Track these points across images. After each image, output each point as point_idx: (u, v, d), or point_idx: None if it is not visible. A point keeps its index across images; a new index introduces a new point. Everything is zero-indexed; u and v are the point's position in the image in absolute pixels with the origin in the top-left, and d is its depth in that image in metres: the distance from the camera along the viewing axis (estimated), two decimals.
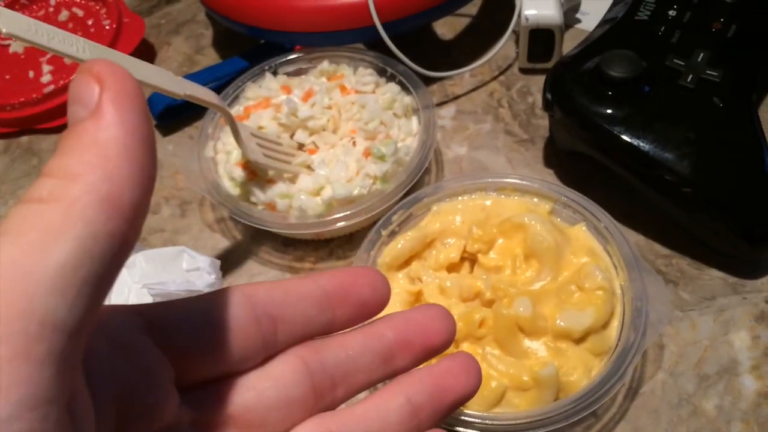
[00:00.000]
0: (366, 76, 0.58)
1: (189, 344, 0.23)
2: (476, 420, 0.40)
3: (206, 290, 0.43)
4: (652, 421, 0.44)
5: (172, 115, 0.65)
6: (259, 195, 0.52)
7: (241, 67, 0.65)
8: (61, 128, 0.66)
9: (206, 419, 0.23)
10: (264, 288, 0.24)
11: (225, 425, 0.23)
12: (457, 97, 0.64)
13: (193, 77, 0.66)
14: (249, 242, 0.56)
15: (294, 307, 0.25)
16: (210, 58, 0.71)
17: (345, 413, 0.25)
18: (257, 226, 0.52)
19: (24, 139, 0.66)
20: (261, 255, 0.55)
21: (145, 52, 0.72)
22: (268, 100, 0.57)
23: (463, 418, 0.40)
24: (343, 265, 0.54)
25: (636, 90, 0.50)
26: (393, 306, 0.47)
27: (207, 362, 0.23)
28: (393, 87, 0.57)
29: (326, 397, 0.25)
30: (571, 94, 0.51)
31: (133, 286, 0.45)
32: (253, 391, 0.24)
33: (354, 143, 0.54)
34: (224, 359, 0.23)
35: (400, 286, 0.48)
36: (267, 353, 0.24)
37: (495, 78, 0.65)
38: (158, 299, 0.41)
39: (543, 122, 0.60)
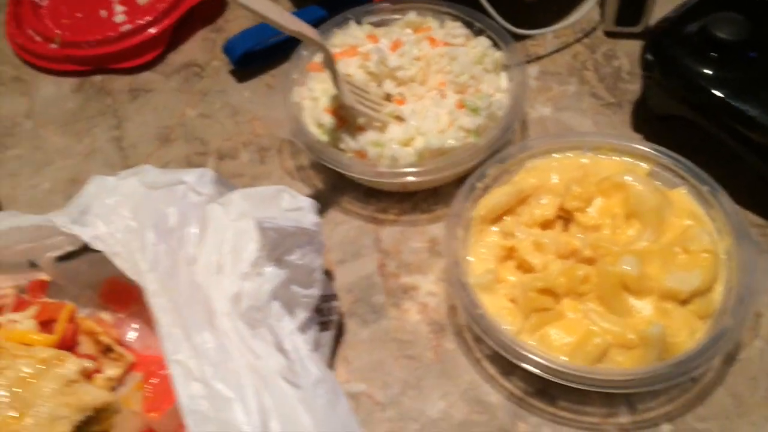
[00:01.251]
0: (456, 29, 0.57)
1: None
2: (580, 373, 0.40)
3: (313, 229, 0.42)
4: (750, 388, 0.43)
5: (249, 62, 0.64)
6: (349, 142, 0.51)
7: (319, 16, 0.64)
8: (134, 69, 0.66)
9: None
10: None
11: None
12: (539, 58, 0.63)
13: (265, 26, 0.65)
14: (330, 191, 0.55)
15: None
16: (284, 6, 0.70)
17: None
18: (347, 174, 0.51)
19: (97, 78, 0.66)
20: (343, 204, 0.55)
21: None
22: (355, 48, 0.56)
23: (566, 371, 0.40)
24: (427, 218, 0.53)
25: (743, 53, 0.49)
26: (486, 260, 0.47)
27: None
28: (483, 41, 0.56)
29: None
30: (674, 56, 0.50)
31: (229, 224, 0.44)
32: None
33: (443, 95, 0.53)
34: None
35: (492, 240, 0.48)
36: None
37: (579, 40, 0.64)
38: (271, 234, 0.40)
39: (630, 86, 0.59)
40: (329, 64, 0.48)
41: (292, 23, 0.45)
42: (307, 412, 0.39)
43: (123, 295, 0.49)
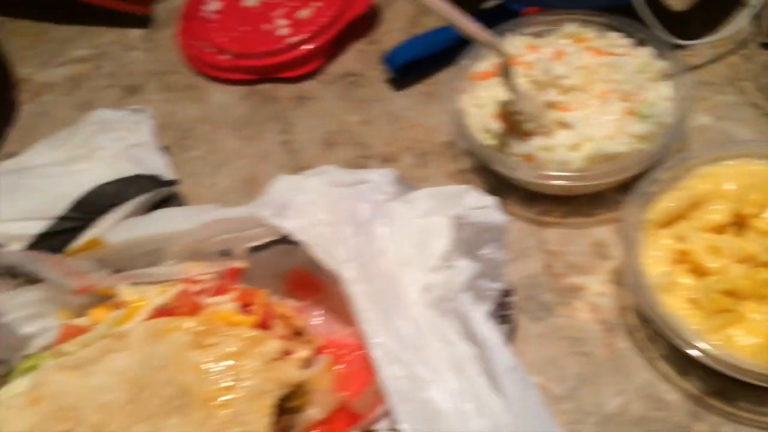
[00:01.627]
0: (618, 39, 0.58)
1: None
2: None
3: (501, 225, 0.44)
4: None
5: (405, 72, 0.67)
6: (517, 147, 0.54)
7: None
8: (298, 78, 0.70)
9: None
10: None
11: None
12: (694, 68, 0.63)
13: (423, 38, 0.69)
14: (492, 194, 0.57)
15: None
16: (435, 19, 0.73)
17: None
18: (514, 177, 0.54)
19: (263, 86, 0.71)
20: (506, 207, 0.56)
21: (371, 13, 0.74)
22: (516, 58, 0.59)
23: (756, 370, 0.41)
24: (591, 222, 0.55)
25: None
26: (659, 262, 0.48)
27: None
28: (647, 51, 0.57)
29: None
30: None
31: (415, 220, 0.48)
32: None
33: (607, 103, 0.55)
34: None
35: (665, 244, 0.49)
36: None
37: (734, 51, 0.64)
38: (467, 228, 0.43)
39: None
40: (506, 70, 0.51)
41: (476, 30, 0.48)
42: (500, 398, 0.41)
43: (307, 284, 0.53)
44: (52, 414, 0.46)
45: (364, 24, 0.74)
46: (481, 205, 0.46)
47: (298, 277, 0.53)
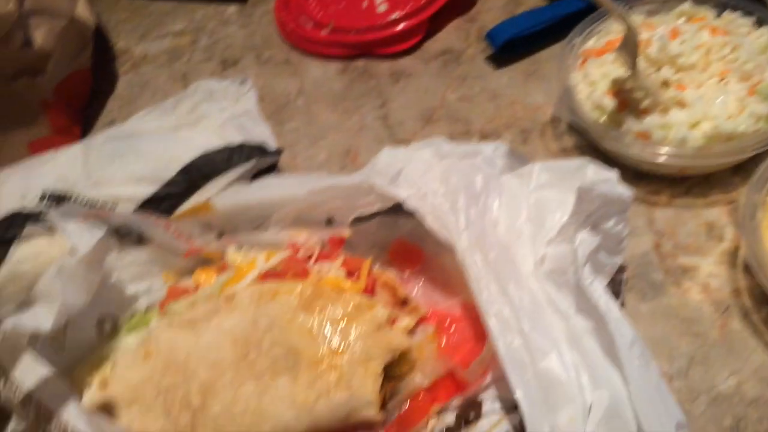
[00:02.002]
0: (738, 18, 0.57)
1: None
2: None
3: (627, 199, 0.43)
4: None
5: (508, 50, 0.67)
6: (632, 124, 0.53)
7: (578, 8, 0.66)
8: (395, 55, 0.70)
9: None
10: None
11: None
12: None
13: (525, 16, 0.68)
14: None
15: None
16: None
17: None
18: (626, 155, 0.53)
19: (360, 62, 0.71)
20: None
21: None
22: None
23: None
24: (702, 203, 0.54)
25: None
26: None
27: None
28: (767, 30, 0.55)
29: None
30: None
31: (529, 193, 0.47)
32: None
33: (725, 83, 0.53)
34: None
35: None
36: None
37: None
38: (593, 199, 0.42)
39: None
40: (632, 44, 0.50)
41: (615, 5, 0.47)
42: (619, 370, 0.40)
43: (409, 255, 0.53)
44: (163, 369, 0.47)
45: (462, 2, 0.73)
46: (602, 178, 0.45)
47: (399, 247, 0.53)
